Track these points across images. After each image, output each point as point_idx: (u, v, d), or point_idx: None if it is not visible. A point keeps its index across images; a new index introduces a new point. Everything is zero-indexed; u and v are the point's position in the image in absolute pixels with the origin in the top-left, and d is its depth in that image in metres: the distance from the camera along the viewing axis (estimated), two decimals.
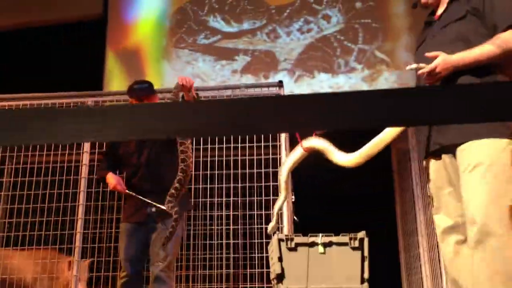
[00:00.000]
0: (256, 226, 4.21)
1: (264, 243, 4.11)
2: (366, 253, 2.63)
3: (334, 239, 2.65)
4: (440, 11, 2.30)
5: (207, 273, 4.32)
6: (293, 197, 4.32)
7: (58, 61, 6.04)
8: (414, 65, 2.15)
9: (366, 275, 2.60)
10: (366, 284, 2.58)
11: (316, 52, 5.88)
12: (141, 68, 6.01)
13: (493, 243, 1.85)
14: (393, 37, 5.85)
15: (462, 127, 1.98)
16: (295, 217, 4.12)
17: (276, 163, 4.22)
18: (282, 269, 2.62)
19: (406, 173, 5.01)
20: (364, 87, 5.81)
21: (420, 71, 2.12)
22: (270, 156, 4.24)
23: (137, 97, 3.47)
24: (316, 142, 2.41)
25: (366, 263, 2.62)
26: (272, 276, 2.84)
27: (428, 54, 2.09)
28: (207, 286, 4.32)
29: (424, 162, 2.28)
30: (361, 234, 2.64)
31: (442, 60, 2.05)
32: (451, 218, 2.07)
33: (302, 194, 4.38)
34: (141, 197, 3.32)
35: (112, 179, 3.39)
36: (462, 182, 2.00)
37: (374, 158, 5.65)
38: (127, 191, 3.37)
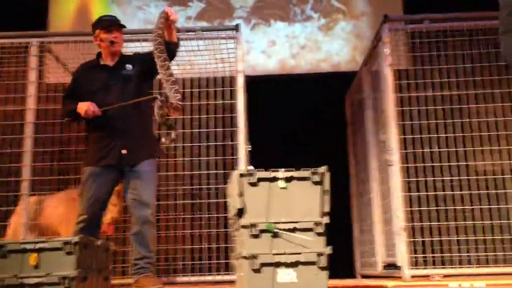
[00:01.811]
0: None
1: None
2: (326, 187, 2.63)
3: (296, 173, 2.62)
4: None
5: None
6: (249, 146, 4.29)
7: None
8: None
9: (326, 209, 2.61)
10: (326, 217, 2.59)
11: (272, 0, 5.76)
12: (88, 10, 5.70)
13: None
14: None
15: None
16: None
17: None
18: (243, 204, 2.59)
19: (360, 123, 5.08)
20: (320, 36, 5.78)
21: None
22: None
23: (107, 28, 3.30)
24: None
25: (327, 197, 2.62)
26: (232, 212, 2.80)
27: None
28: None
29: None
30: (322, 169, 2.63)
31: None
32: None
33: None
34: (123, 103, 3.17)
35: (82, 104, 3.19)
36: None
37: (327, 111, 5.65)
38: (103, 108, 3.19)
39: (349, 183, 5.41)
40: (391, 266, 4.14)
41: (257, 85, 5.09)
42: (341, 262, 4.87)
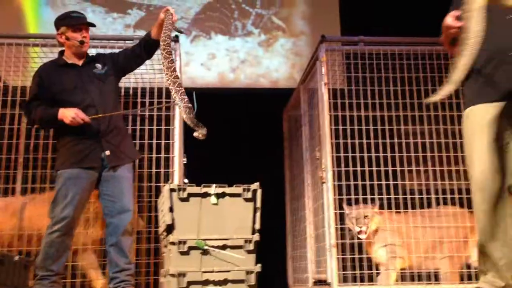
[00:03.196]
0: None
1: None
2: (258, 205, 2.62)
3: (228, 190, 2.61)
4: None
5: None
6: (185, 159, 4.22)
7: None
8: None
9: (257, 226, 2.60)
10: (257, 235, 2.58)
11: (214, 13, 5.76)
12: (18, 12, 5.44)
13: None
14: (290, 4, 5.90)
15: None
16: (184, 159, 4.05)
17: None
18: (173, 219, 2.53)
19: (296, 139, 5.14)
20: (260, 52, 5.82)
21: None
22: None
23: (75, 27, 3.11)
24: None
25: (258, 214, 2.62)
26: (161, 228, 2.73)
27: None
28: None
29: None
30: (255, 185, 2.63)
31: None
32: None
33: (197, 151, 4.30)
34: (112, 113, 3.04)
35: (68, 111, 2.94)
36: None
37: (265, 125, 5.68)
38: (90, 117, 2.99)
39: (285, 199, 5.45)
40: (322, 282, 4.18)
41: (196, 97, 5.03)
42: (274, 278, 4.88)
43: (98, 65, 3.23)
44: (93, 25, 3.24)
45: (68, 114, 2.94)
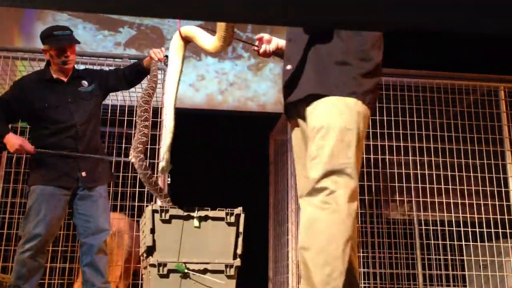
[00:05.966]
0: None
1: None
2: (241, 229, 2.61)
3: (211, 213, 2.59)
4: None
5: None
6: (169, 179, 4.19)
7: None
8: None
9: (239, 251, 2.58)
10: (238, 260, 2.55)
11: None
12: (9, 26, 5.43)
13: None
14: (280, 30, 5.95)
15: (304, 82, 1.93)
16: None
17: None
18: (154, 241, 2.50)
19: (282, 164, 5.14)
20: (249, 75, 5.86)
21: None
22: None
23: (58, 47, 3.06)
24: (191, 29, 2.35)
25: (240, 239, 2.60)
26: (142, 249, 2.69)
27: None
28: None
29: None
30: (238, 210, 2.62)
31: None
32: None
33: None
34: (63, 153, 3.00)
35: (14, 139, 2.92)
36: (308, 146, 1.89)
37: (251, 149, 5.68)
38: (41, 150, 2.96)
39: (269, 223, 5.42)
40: None
41: (183, 118, 5.02)
42: None
43: (84, 82, 3.20)
44: (78, 42, 3.17)
45: (13, 143, 2.92)
